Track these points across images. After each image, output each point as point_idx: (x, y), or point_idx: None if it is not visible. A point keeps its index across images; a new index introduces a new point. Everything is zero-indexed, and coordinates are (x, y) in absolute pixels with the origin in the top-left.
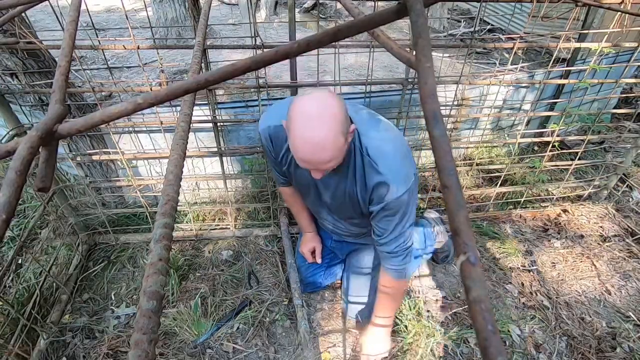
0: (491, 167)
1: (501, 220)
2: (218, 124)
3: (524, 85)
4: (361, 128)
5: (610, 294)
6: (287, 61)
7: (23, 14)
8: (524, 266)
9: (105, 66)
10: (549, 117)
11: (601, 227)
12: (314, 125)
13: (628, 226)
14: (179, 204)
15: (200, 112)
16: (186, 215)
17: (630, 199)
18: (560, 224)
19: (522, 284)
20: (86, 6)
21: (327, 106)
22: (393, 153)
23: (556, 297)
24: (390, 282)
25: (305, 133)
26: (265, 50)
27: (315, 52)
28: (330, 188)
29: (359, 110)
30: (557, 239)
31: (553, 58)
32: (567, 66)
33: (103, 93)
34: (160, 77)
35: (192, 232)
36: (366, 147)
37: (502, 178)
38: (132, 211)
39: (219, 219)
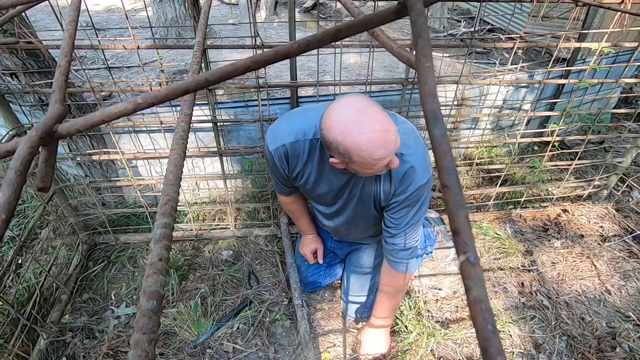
0: (491, 167)
1: (501, 220)
2: (218, 123)
3: (523, 85)
4: None
5: (610, 294)
6: (287, 61)
7: (23, 14)
8: (524, 266)
9: (105, 66)
10: (549, 117)
11: (601, 227)
12: (364, 122)
13: (628, 226)
14: (179, 204)
15: (200, 112)
16: (186, 215)
17: (630, 199)
18: (560, 224)
19: (522, 284)
20: (86, 6)
21: (359, 100)
22: (415, 142)
23: (556, 297)
24: (394, 277)
25: (366, 132)
26: (265, 50)
27: (315, 52)
28: (357, 193)
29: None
30: (557, 239)
31: (553, 58)
32: (567, 66)
33: (103, 93)
34: (160, 77)
35: (192, 232)
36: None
37: (502, 178)
38: (132, 211)
39: (219, 218)
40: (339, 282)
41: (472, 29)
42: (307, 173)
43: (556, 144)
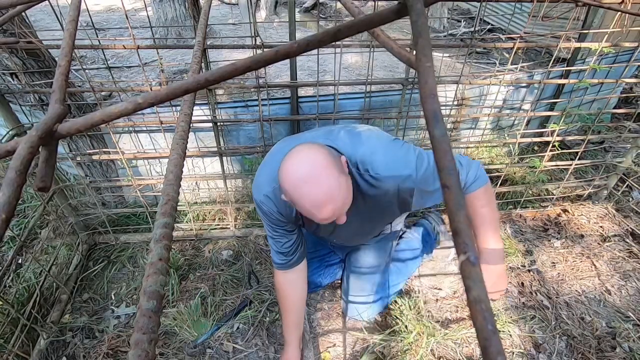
0: (491, 167)
1: (501, 220)
2: (218, 123)
3: (523, 85)
4: (348, 151)
5: (610, 294)
6: (287, 61)
7: (23, 14)
8: (524, 266)
9: (105, 66)
10: (549, 117)
11: (601, 227)
12: (312, 186)
13: (628, 226)
14: (179, 203)
15: (200, 112)
16: (186, 215)
17: (630, 199)
18: (560, 223)
19: (522, 284)
20: (86, 6)
21: (314, 160)
22: (384, 153)
23: (556, 297)
24: (478, 195)
25: (310, 197)
26: (265, 50)
27: (315, 52)
28: (354, 218)
29: (337, 135)
30: (557, 238)
31: (553, 58)
32: (567, 66)
33: (103, 93)
34: (160, 76)
35: (192, 231)
36: (364, 167)
37: (502, 178)
38: (132, 211)
39: (219, 218)
40: (339, 281)
41: (472, 29)
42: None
43: (556, 144)
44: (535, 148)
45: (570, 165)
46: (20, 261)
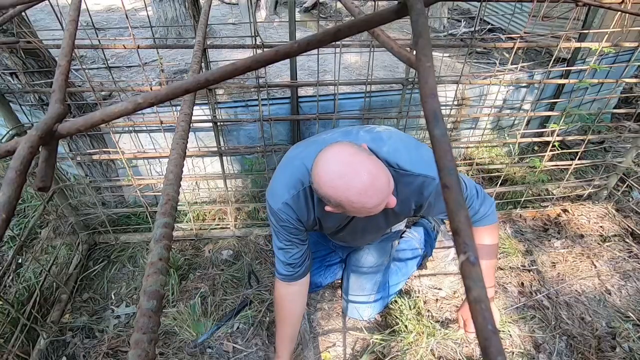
0: (491, 167)
1: (501, 220)
2: (218, 123)
3: (523, 85)
4: (371, 149)
5: (610, 294)
6: (287, 61)
7: (23, 14)
8: (524, 266)
9: (105, 66)
10: (549, 116)
11: (601, 227)
12: (350, 176)
13: (628, 226)
14: (179, 203)
15: (201, 112)
16: (186, 215)
17: (630, 199)
18: (560, 223)
19: (522, 284)
20: (86, 5)
21: (341, 154)
22: (408, 153)
23: (556, 297)
24: (481, 232)
25: (354, 186)
26: (265, 49)
27: (315, 51)
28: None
29: (356, 135)
30: (557, 238)
31: (553, 58)
32: (567, 66)
33: (103, 92)
34: (160, 76)
35: (192, 231)
36: (389, 163)
37: (502, 178)
38: (132, 211)
39: (219, 218)
40: (339, 281)
41: (472, 29)
42: (318, 215)
43: (556, 143)
44: (535, 148)
45: (570, 165)
46: (20, 261)
